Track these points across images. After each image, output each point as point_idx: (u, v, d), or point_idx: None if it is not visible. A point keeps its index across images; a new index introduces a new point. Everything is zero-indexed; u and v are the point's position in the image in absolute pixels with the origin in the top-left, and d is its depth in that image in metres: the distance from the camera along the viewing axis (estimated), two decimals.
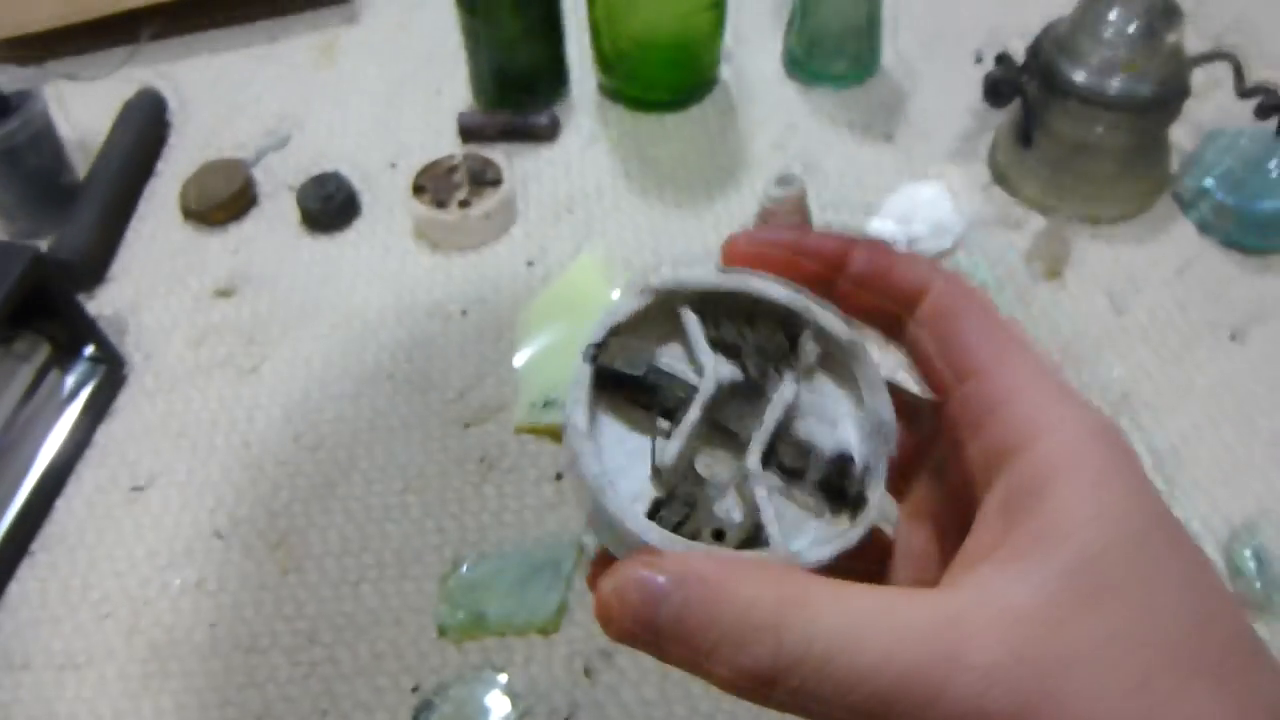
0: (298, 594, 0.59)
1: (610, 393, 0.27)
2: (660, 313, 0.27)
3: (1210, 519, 0.59)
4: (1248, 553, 0.57)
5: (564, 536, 0.60)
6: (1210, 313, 0.69)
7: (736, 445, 0.26)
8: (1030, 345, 0.24)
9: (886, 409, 0.25)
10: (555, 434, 0.64)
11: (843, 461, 0.25)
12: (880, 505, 0.25)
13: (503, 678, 0.55)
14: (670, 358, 0.27)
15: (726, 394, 0.26)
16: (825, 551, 0.24)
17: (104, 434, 0.67)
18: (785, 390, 0.26)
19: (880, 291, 0.26)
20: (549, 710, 0.54)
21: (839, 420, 0.26)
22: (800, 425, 0.26)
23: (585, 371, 0.26)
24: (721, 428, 0.26)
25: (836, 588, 0.21)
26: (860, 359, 0.26)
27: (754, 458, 0.25)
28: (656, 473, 0.25)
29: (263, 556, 0.60)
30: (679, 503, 0.25)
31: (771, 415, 0.25)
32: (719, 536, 0.24)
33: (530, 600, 0.57)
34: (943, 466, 0.26)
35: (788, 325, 0.27)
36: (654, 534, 0.24)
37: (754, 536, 0.24)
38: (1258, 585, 0.56)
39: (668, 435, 0.26)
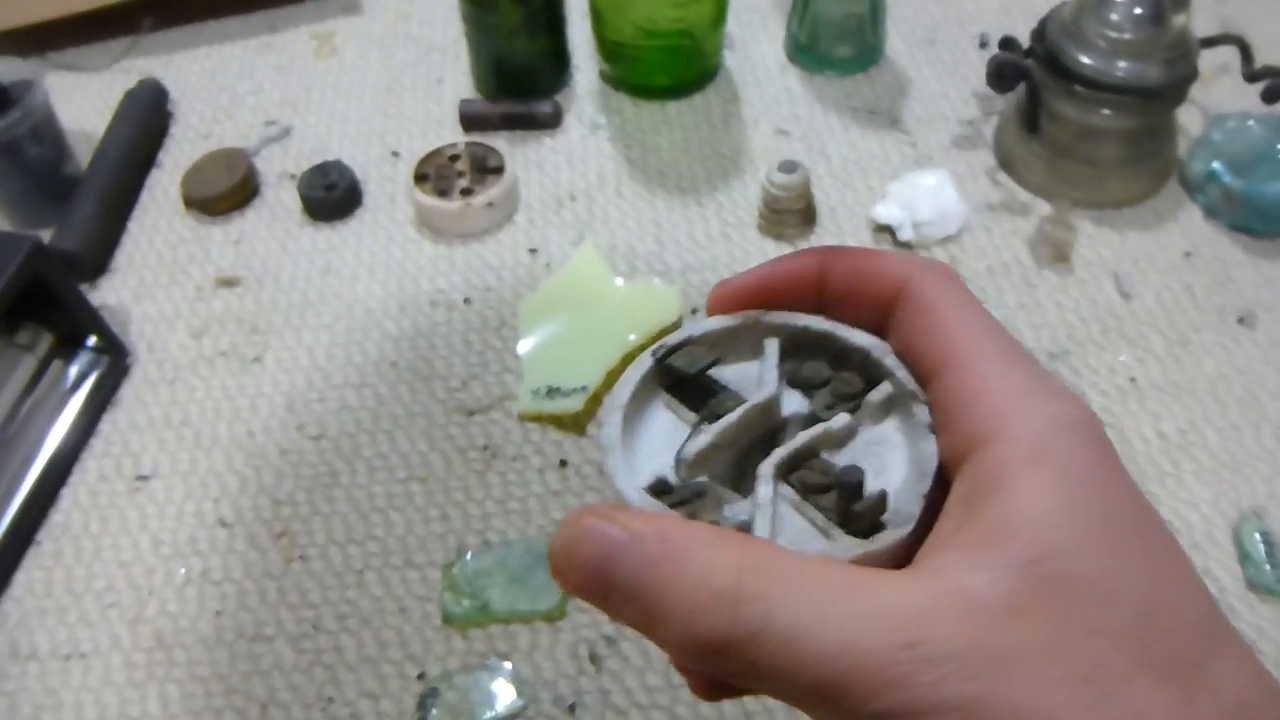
0: (302, 582, 0.59)
1: (672, 392, 0.27)
2: (748, 340, 0.28)
3: (1219, 503, 0.59)
4: (1256, 536, 0.56)
5: None
6: (1218, 297, 0.69)
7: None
8: (1005, 335, 0.24)
9: (929, 451, 0.25)
10: (559, 421, 0.64)
11: (858, 482, 0.24)
12: (902, 541, 0.24)
13: (507, 665, 0.54)
14: (743, 379, 0.28)
15: (793, 425, 0.27)
16: None
17: (108, 424, 0.67)
18: (835, 421, 0.26)
19: (861, 298, 0.26)
20: (554, 697, 0.54)
21: (889, 464, 0.26)
22: (842, 456, 0.26)
23: (646, 362, 0.27)
24: (767, 437, 0.27)
25: (800, 561, 0.21)
26: (918, 407, 0.26)
27: (769, 464, 0.25)
28: (679, 463, 0.25)
29: (267, 545, 0.60)
30: (687, 490, 0.25)
31: (807, 434, 0.25)
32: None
33: (534, 588, 0.57)
34: None
35: (865, 370, 0.27)
36: (635, 495, 0.24)
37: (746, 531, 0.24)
38: (1267, 568, 0.55)
39: (699, 435, 0.26)
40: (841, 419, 0.26)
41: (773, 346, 0.27)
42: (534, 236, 0.75)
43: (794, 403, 0.27)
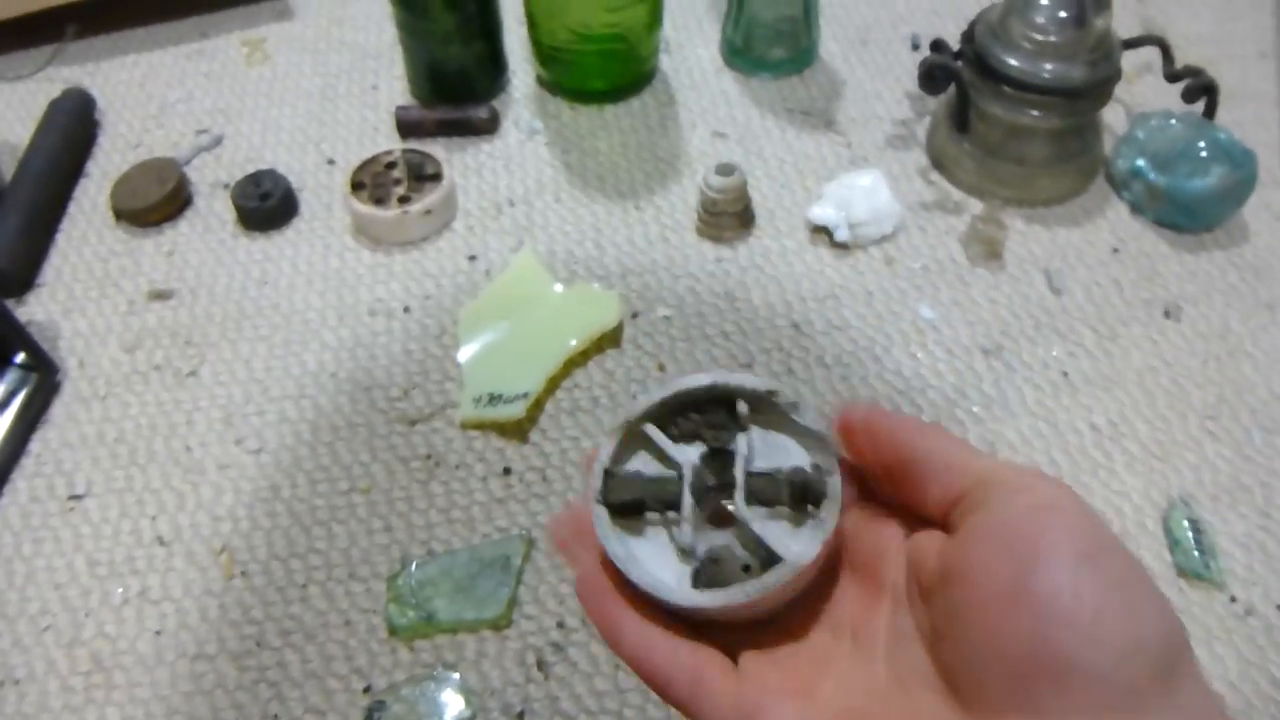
0: (244, 599, 0.58)
1: (628, 516, 0.32)
2: (633, 437, 0.33)
3: (1148, 491, 0.60)
4: (1185, 523, 0.58)
5: (512, 531, 0.60)
6: (1145, 291, 0.71)
7: (727, 492, 0.32)
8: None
9: (814, 421, 0.32)
10: (501, 429, 0.64)
11: (798, 472, 0.31)
12: (839, 495, 0.30)
13: (455, 675, 0.54)
14: (654, 466, 0.33)
15: (705, 465, 0.32)
16: (816, 546, 0.29)
17: (39, 443, 0.65)
18: (740, 444, 0.32)
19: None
20: (503, 705, 0.53)
21: (787, 448, 0.32)
22: (759, 462, 0.32)
23: (601, 512, 0.31)
24: (712, 487, 0.33)
25: None
26: (780, 399, 0.32)
27: (740, 506, 0.31)
28: (682, 552, 0.31)
29: (207, 562, 0.59)
30: (708, 561, 0.31)
31: (739, 468, 0.31)
32: (746, 569, 0.30)
33: (480, 596, 0.57)
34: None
35: (725, 400, 0.33)
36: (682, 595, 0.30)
37: (769, 559, 0.30)
38: (1195, 554, 0.57)
39: (677, 524, 0.31)
40: (743, 440, 0.32)
41: (653, 430, 0.32)
42: (473, 243, 0.75)
43: (691, 453, 0.32)
